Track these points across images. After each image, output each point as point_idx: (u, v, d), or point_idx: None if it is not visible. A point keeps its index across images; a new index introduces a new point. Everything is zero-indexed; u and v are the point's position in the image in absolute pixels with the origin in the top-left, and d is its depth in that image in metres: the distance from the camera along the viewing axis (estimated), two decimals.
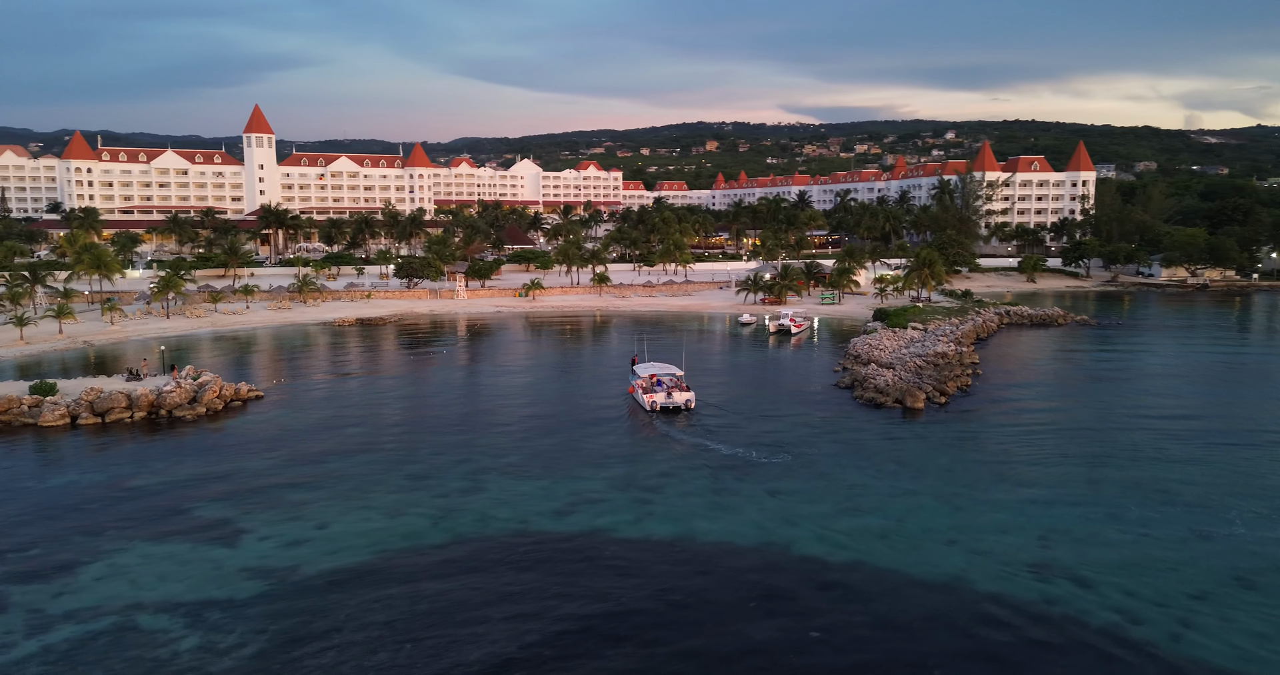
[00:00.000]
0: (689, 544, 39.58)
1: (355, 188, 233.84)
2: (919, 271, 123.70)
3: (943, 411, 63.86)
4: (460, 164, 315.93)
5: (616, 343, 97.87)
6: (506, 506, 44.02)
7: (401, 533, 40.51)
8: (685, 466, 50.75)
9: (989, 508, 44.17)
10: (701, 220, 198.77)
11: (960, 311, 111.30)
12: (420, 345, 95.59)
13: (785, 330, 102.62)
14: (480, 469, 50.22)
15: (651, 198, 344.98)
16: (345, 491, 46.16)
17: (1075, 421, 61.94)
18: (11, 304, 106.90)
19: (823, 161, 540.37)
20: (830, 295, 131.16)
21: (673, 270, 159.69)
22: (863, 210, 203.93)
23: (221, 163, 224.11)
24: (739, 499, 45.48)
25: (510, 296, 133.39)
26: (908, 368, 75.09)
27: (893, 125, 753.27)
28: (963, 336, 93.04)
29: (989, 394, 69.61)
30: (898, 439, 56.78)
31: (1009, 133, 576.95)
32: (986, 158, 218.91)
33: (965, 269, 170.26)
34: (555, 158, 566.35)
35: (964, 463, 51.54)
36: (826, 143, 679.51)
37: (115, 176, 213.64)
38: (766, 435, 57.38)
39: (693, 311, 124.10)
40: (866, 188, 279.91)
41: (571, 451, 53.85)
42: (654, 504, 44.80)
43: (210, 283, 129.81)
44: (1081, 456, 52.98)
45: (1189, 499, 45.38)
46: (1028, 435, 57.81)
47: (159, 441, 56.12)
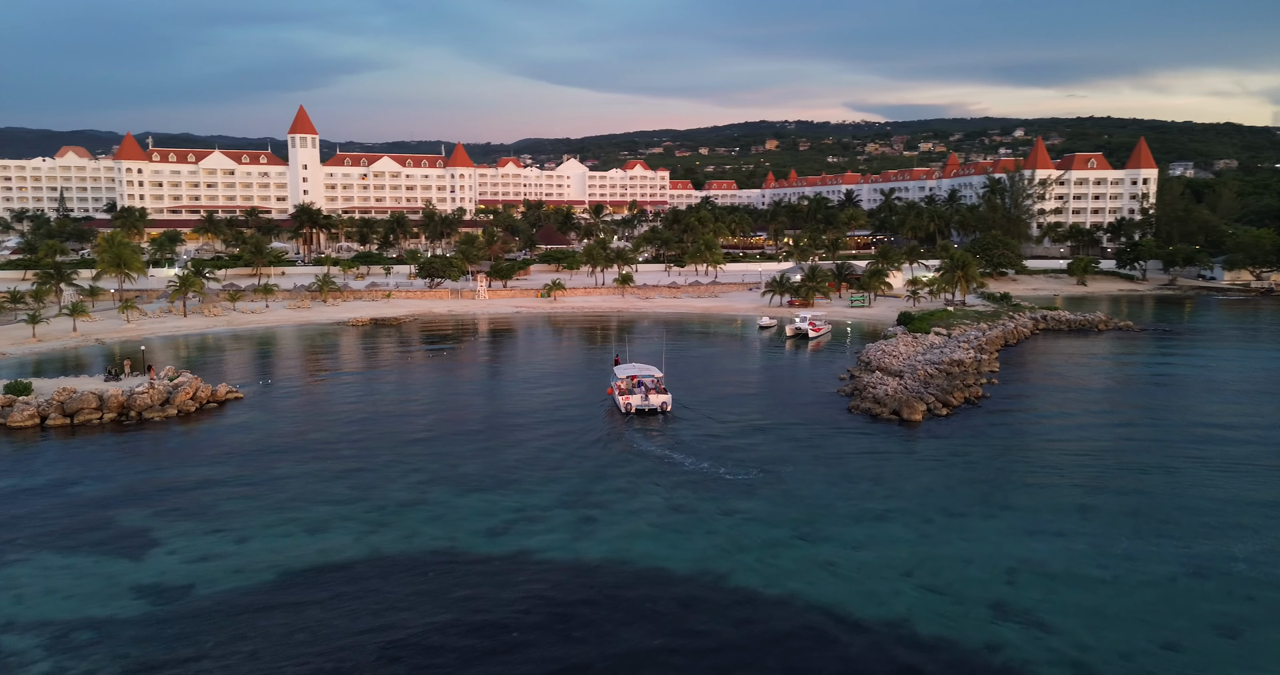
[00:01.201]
0: (614, 569, 36.59)
1: (397, 187, 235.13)
2: (952, 274, 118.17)
3: (943, 424, 59.60)
4: (507, 164, 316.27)
5: (617, 344, 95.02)
6: (439, 523, 41.58)
7: (317, 549, 38.33)
8: (645, 481, 47.71)
9: (960, 535, 40.23)
10: (739, 220, 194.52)
11: (992, 316, 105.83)
12: (424, 346, 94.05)
13: (802, 334, 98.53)
14: (430, 479, 47.92)
15: (699, 197, 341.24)
16: (280, 502, 44.26)
17: (1087, 438, 57.15)
18: (35, 301, 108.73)
19: (884, 160, 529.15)
20: (861, 298, 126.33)
21: (704, 271, 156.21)
22: (907, 209, 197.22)
23: (267, 163, 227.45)
24: (690, 519, 42.30)
25: (532, 297, 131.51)
26: (917, 376, 70.77)
27: (960, 123, 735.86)
28: (987, 343, 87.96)
29: (1000, 406, 64.96)
30: (884, 454, 52.87)
31: (1081, 130, 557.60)
32: (1039, 155, 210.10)
33: (1011, 271, 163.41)
34: (614, 158, 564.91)
35: (948, 482, 47.49)
36: (890, 141, 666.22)
37: (165, 177, 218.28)
38: (742, 447, 54.01)
39: (715, 313, 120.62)
40: (918, 187, 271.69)
41: (532, 461, 51.22)
42: (597, 523, 41.91)
43: (235, 282, 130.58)
44: (1081, 478, 48.44)
45: (1191, 530, 40.75)
46: (1028, 452, 53.33)
47: (118, 444, 55.09)
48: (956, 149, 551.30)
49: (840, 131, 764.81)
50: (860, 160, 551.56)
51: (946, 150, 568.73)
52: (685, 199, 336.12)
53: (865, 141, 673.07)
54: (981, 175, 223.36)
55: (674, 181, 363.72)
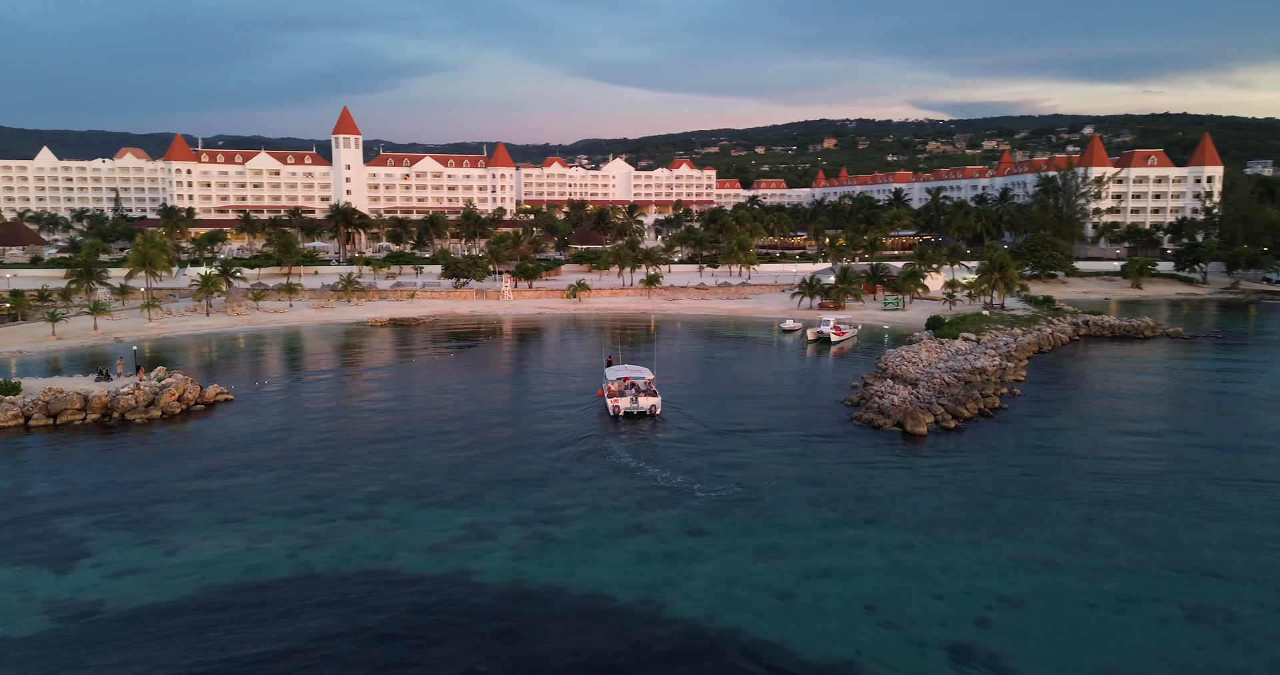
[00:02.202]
0: (547, 595, 34.03)
1: (439, 187, 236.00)
2: (989, 276, 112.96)
3: (949, 438, 55.74)
4: (552, 164, 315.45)
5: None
6: (384, 538, 39.51)
7: (247, 565, 36.54)
8: (613, 496, 45.06)
9: (938, 564, 36.76)
10: (777, 219, 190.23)
11: (1030, 321, 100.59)
12: (433, 347, 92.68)
13: (825, 338, 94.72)
14: (391, 490, 45.96)
15: (746, 196, 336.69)
16: (230, 512, 42.71)
17: (1104, 456, 52.76)
18: (63, 299, 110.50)
19: (944, 159, 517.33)
20: (895, 301, 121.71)
21: (737, 272, 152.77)
22: (955, 209, 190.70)
23: (311, 163, 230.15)
24: (649, 540, 39.55)
25: (557, 298, 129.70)
26: (932, 385, 66.81)
27: (1028, 120, 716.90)
28: (1017, 350, 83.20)
29: (1016, 418, 60.72)
30: (877, 470, 49.37)
31: (1154, 127, 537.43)
32: (1095, 152, 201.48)
33: (1061, 273, 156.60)
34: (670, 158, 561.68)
35: (939, 503, 43.88)
36: (952, 139, 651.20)
37: (213, 177, 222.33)
38: (727, 459, 51.02)
39: (742, 315, 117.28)
40: (970, 185, 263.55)
41: (502, 470, 48.95)
42: (551, 541, 39.43)
43: (263, 282, 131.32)
44: (1088, 501, 44.38)
45: (1200, 563, 36.65)
46: (1034, 471, 49.26)
47: (93, 446, 54.35)
48: (1021, 147, 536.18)
49: (902, 130, 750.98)
50: (920, 159, 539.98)
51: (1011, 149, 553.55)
52: (732, 198, 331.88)
53: (926, 140, 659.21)
54: (1036, 173, 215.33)
55: (721, 181, 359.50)
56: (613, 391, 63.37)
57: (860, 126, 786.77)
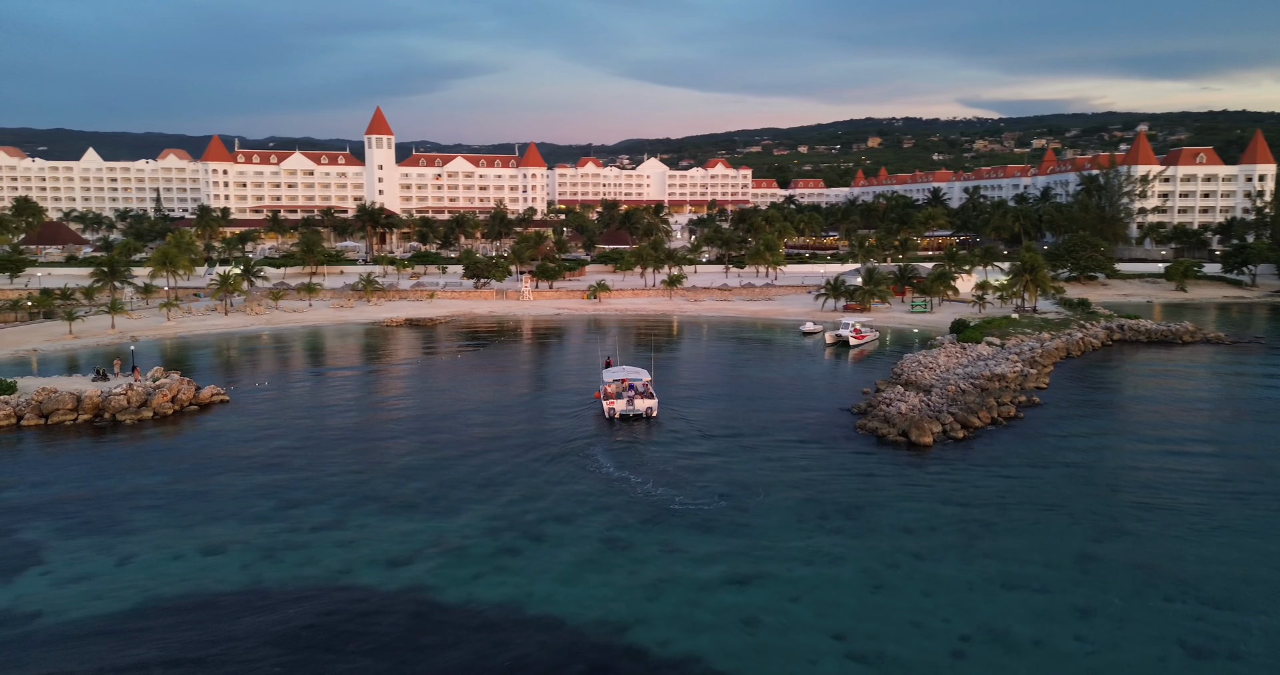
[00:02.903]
0: (499, 614, 32.26)
1: (470, 187, 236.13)
2: (1020, 278, 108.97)
3: (957, 449, 52.91)
4: (586, 164, 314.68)
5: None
6: (343, 550, 38.06)
7: (195, 577, 35.32)
8: (590, 506, 43.18)
9: (921, 588, 34.27)
10: (808, 219, 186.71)
11: (1061, 324, 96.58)
12: (442, 348, 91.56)
13: (844, 342, 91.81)
14: (363, 498, 44.58)
15: (783, 196, 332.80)
16: (195, 517, 41.65)
17: (1120, 470, 49.62)
18: (85, 298, 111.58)
19: (992, 158, 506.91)
20: (922, 303, 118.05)
21: (763, 272, 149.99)
22: (992, 208, 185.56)
23: (345, 163, 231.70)
24: (621, 555, 37.59)
25: (577, 298, 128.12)
26: (946, 392, 63.88)
27: (1080, 118, 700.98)
28: (1043, 355, 79.64)
29: (1031, 428, 57.60)
30: (875, 482, 46.84)
31: (1212, 124, 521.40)
32: (1140, 149, 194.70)
33: (1102, 275, 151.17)
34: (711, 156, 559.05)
35: (934, 520, 41.27)
36: (1000, 138, 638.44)
37: (249, 177, 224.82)
38: (716, 468, 48.88)
39: (763, 317, 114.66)
40: (1012, 184, 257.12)
41: (481, 478, 47.30)
42: (518, 555, 37.66)
43: (286, 281, 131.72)
44: (1095, 519, 41.44)
45: (1209, 592, 33.70)
46: (1041, 486, 46.31)
47: (78, 447, 53.85)
48: (1073, 145, 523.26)
49: (949, 128, 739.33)
50: (967, 158, 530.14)
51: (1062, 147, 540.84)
52: (769, 198, 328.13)
53: (974, 138, 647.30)
54: (1081, 172, 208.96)
55: (758, 180, 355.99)
56: (609, 393, 61.93)
57: (906, 125, 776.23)
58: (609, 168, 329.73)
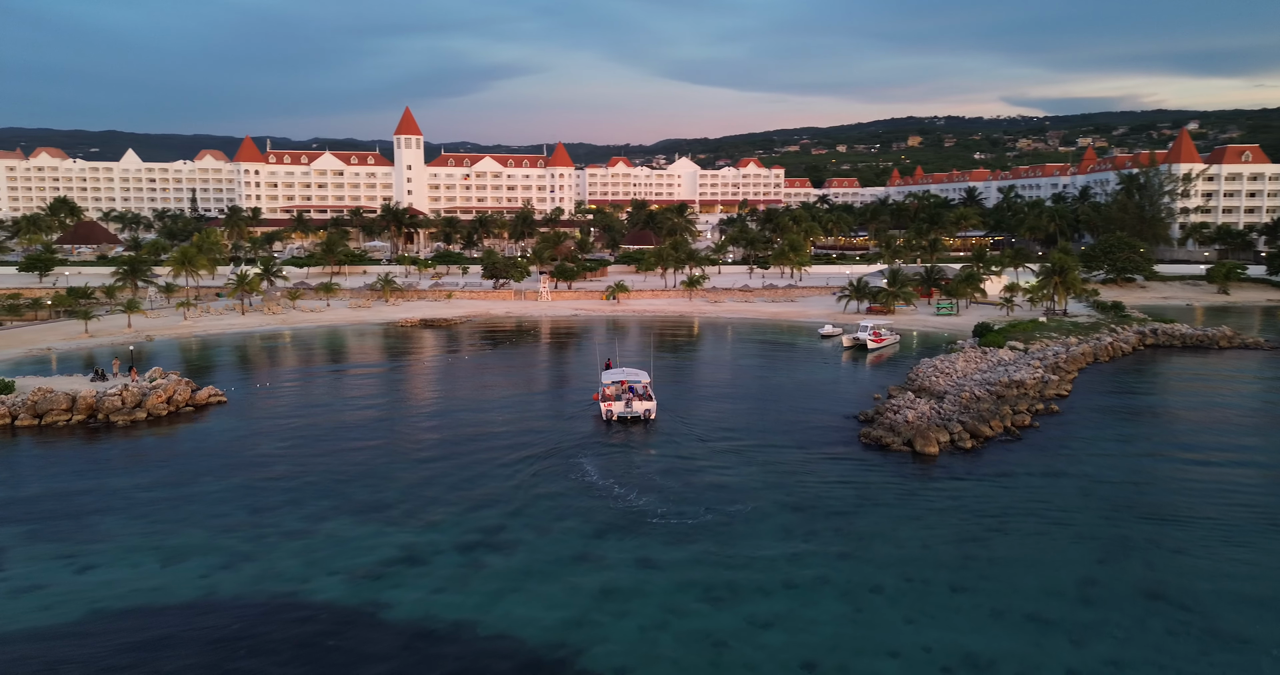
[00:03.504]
0: (452, 634, 30.71)
1: (499, 187, 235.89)
2: (1049, 279, 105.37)
3: (964, 460, 50.41)
4: (617, 163, 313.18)
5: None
6: (307, 560, 36.77)
7: (152, 586, 34.28)
8: (570, 518, 41.49)
9: (905, 613, 32.10)
10: (837, 219, 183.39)
11: (1090, 328, 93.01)
12: (452, 349, 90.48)
13: (861, 345, 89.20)
14: (340, 504, 43.36)
15: (816, 195, 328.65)
16: (165, 524, 40.72)
17: (1138, 485, 46.75)
18: (107, 297, 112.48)
19: (1036, 156, 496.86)
20: (948, 305, 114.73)
21: (788, 273, 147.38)
22: (1027, 208, 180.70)
23: (374, 164, 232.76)
24: (591, 572, 35.86)
25: (596, 299, 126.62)
26: (960, 399, 61.25)
27: (1129, 116, 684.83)
28: (1067, 361, 76.38)
29: (1047, 439, 54.83)
30: (872, 495, 44.58)
31: (1265, 122, 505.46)
32: (1182, 146, 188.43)
33: (1140, 277, 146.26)
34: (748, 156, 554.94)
35: (929, 538, 38.97)
36: (1045, 136, 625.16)
37: (280, 178, 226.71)
38: (707, 478, 46.96)
39: (783, 319, 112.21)
40: (1050, 183, 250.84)
41: (463, 486, 45.84)
42: (483, 568, 36.12)
43: (307, 281, 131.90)
44: (1105, 540, 38.84)
45: (1219, 624, 31.11)
46: (1050, 502, 43.70)
47: (67, 448, 53.34)
48: (1120, 144, 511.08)
49: (992, 127, 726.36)
50: (1009, 157, 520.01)
51: (1108, 146, 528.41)
52: (802, 197, 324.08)
53: (1017, 137, 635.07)
54: (1121, 170, 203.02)
55: (791, 179, 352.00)
56: (608, 395, 60.73)
57: (948, 124, 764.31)
58: (640, 167, 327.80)
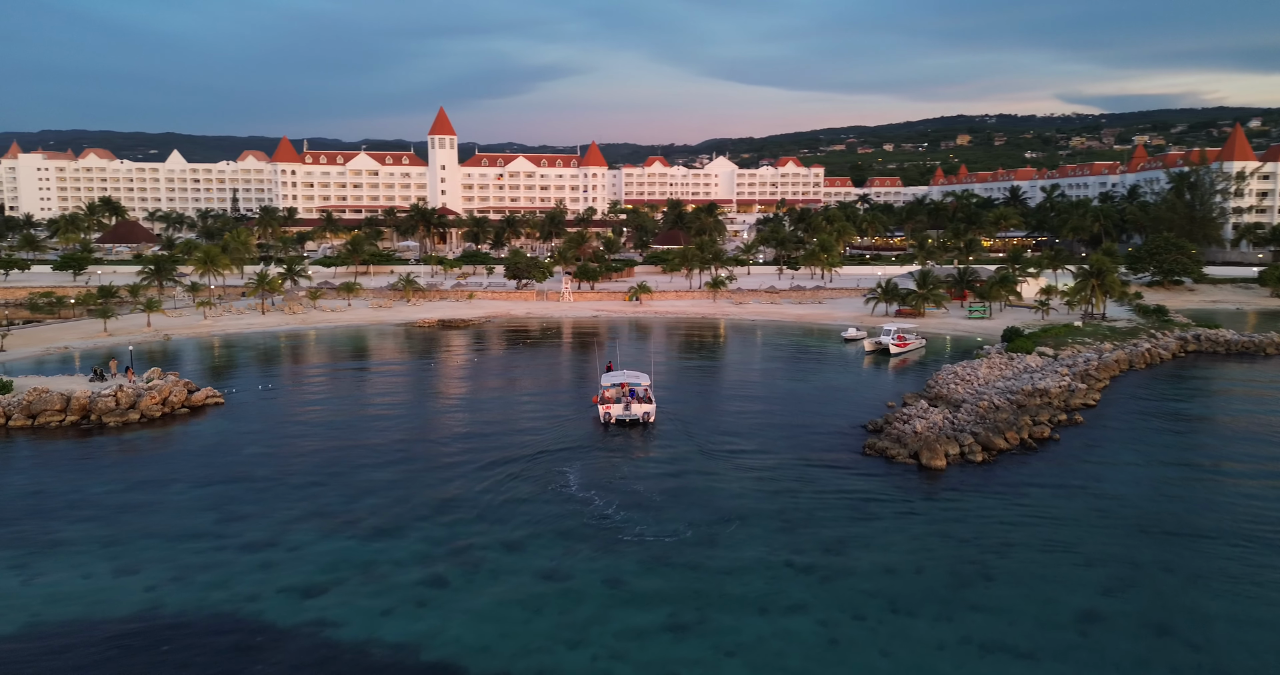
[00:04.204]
0: (390, 664, 28.81)
1: (532, 187, 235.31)
2: (1085, 282, 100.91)
3: (973, 474, 47.42)
4: (653, 163, 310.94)
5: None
6: (260, 575, 35.22)
7: (93, 600, 32.97)
8: (543, 532, 39.49)
9: (883, 646, 29.54)
10: (872, 219, 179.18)
11: (1128, 333, 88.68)
12: (464, 350, 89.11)
13: (884, 349, 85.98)
14: (310, 513, 41.86)
15: (858, 194, 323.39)
16: (127, 531, 39.57)
17: (1159, 502, 43.35)
18: (131, 296, 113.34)
19: (1090, 155, 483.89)
20: (981, 308, 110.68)
21: (818, 274, 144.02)
22: (1070, 207, 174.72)
23: (409, 164, 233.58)
24: (556, 591, 33.84)
25: (619, 300, 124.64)
26: (977, 408, 58.09)
27: (1188, 114, 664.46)
28: (1099, 368, 72.47)
29: (1066, 452, 51.49)
30: (869, 511, 41.88)
31: None
32: (1237, 144, 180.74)
33: (1188, 280, 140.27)
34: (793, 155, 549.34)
35: (922, 561, 36.24)
36: (1100, 134, 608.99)
37: (316, 178, 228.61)
38: (697, 490, 44.65)
39: (809, 322, 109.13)
40: (1098, 182, 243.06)
41: (439, 495, 44.04)
42: (443, 587, 34.28)
43: (330, 281, 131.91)
44: (1111, 567, 35.74)
45: (1229, 664, 28.00)
46: (1061, 520, 40.59)
47: (52, 450, 52.73)
48: (1178, 142, 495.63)
49: (1045, 125, 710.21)
50: (1061, 156, 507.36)
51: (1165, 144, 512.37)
52: (842, 196, 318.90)
53: (1070, 135, 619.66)
54: (1172, 168, 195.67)
55: (831, 178, 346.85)
56: (607, 398, 59.03)
57: (1000, 122, 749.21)
58: (676, 167, 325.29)
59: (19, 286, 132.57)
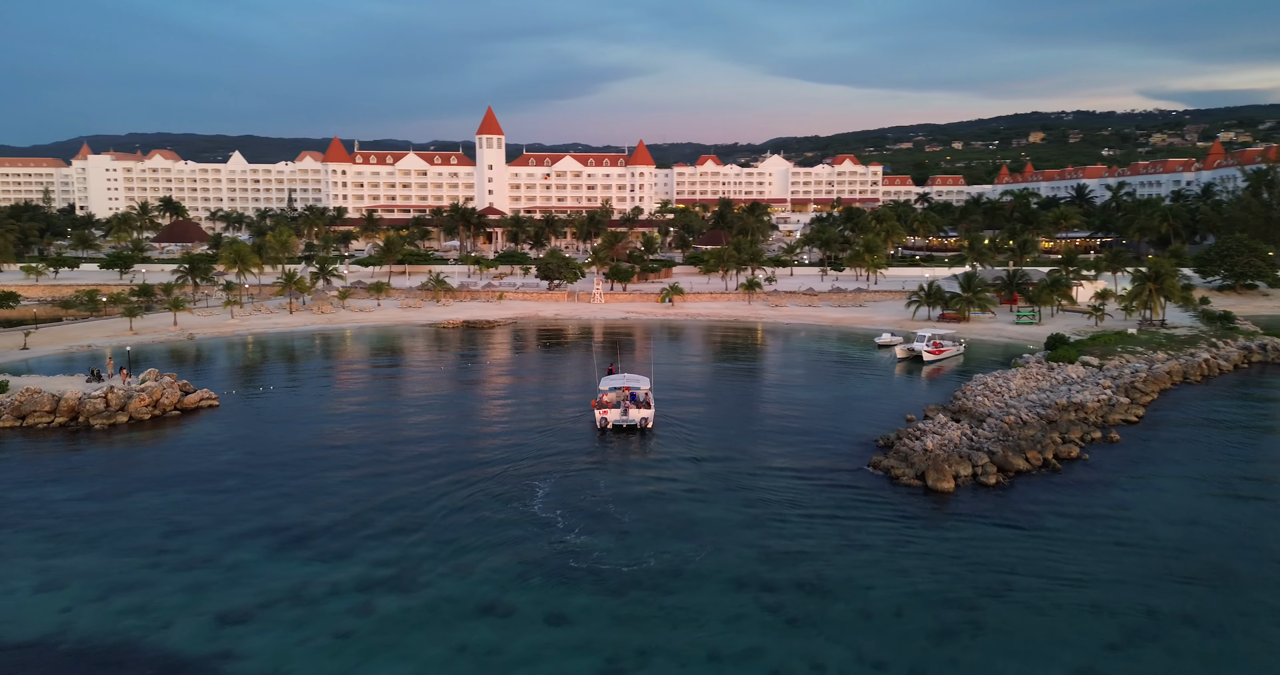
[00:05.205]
0: None
1: (579, 187, 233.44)
2: (1142, 286, 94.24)
3: (985, 498, 43.13)
4: (705, 162, 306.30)
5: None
6: (185, 598, 33.08)
7: (5, 618, 31.14)
8: (500, 554, 36.63)
9: None
10: (923, 218, 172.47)
11: (1186, 342, 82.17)
12: (481, 352, 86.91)
13: (917, 356, 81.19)
14: (263, 529, 39.71)
15: (918, 193, 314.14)
16: (71, 543, 38.00)
17: (1190, 538, 38.53)
18: (166, 294, 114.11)
19: (1171, 152, 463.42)
20: (1029, 313, 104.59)
21: (863, 276, 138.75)
22: (1136, 207, 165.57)
23: (457, 164, 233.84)
24: (492, 628, 31.01)
25: (651, 301, 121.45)
26: (1001, 424, 53.49)
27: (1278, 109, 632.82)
28: (1147, 381, 66.78)
29: (1095, 474, 46.70)
30: (859, 542, 38.00)
31: None
32: None
33: (1263, 284, 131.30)
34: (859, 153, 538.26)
35: (906, 603, 32.35)
36: (1183, 131, 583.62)
37: (365, 177, 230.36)
38: (677, 511, 41.30)
39: (846, 326, 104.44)
40: (1171, 180, 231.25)
41: (403, 511, 41.49)
42: (370, 615, 31.67)
43: (362, 281, 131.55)
44: (1124, 613, 31.37)
45: None
46: (1074, 557, 36.15)
47: (32, 451, 51.76)
48: (1266, 139, 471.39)
49: (1125, 122, 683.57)
50: (1141, 153, 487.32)
51: (1253, 140, 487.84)
52: (901, 195, 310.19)
53: (1150, 132, 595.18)
54: (1251, 165, 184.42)
55: (891, 177, 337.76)
56: (605, 402, 56.72)
57: (1077, 119, 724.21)
58: (729, 165, 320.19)
59: (67, 284, 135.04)
